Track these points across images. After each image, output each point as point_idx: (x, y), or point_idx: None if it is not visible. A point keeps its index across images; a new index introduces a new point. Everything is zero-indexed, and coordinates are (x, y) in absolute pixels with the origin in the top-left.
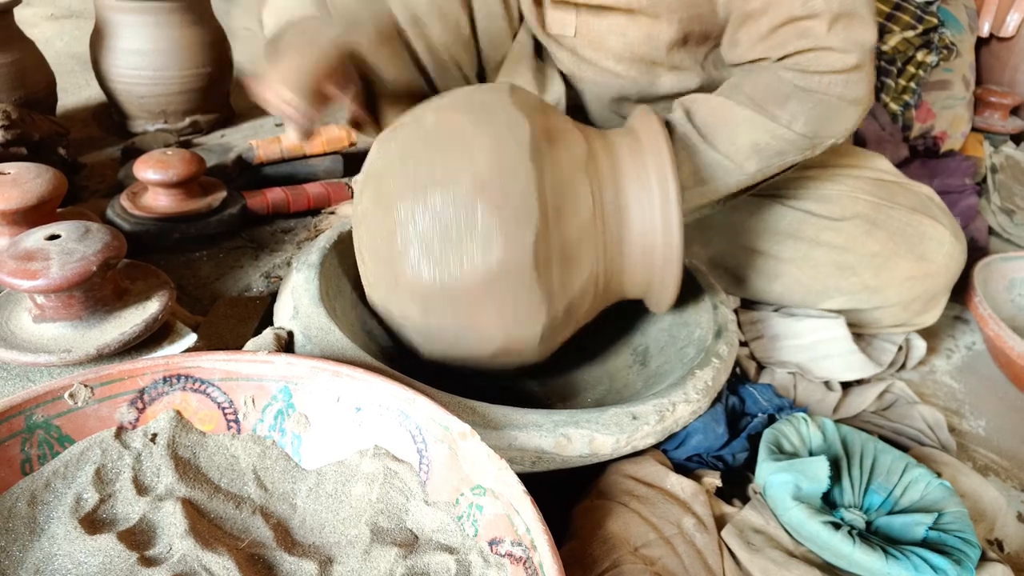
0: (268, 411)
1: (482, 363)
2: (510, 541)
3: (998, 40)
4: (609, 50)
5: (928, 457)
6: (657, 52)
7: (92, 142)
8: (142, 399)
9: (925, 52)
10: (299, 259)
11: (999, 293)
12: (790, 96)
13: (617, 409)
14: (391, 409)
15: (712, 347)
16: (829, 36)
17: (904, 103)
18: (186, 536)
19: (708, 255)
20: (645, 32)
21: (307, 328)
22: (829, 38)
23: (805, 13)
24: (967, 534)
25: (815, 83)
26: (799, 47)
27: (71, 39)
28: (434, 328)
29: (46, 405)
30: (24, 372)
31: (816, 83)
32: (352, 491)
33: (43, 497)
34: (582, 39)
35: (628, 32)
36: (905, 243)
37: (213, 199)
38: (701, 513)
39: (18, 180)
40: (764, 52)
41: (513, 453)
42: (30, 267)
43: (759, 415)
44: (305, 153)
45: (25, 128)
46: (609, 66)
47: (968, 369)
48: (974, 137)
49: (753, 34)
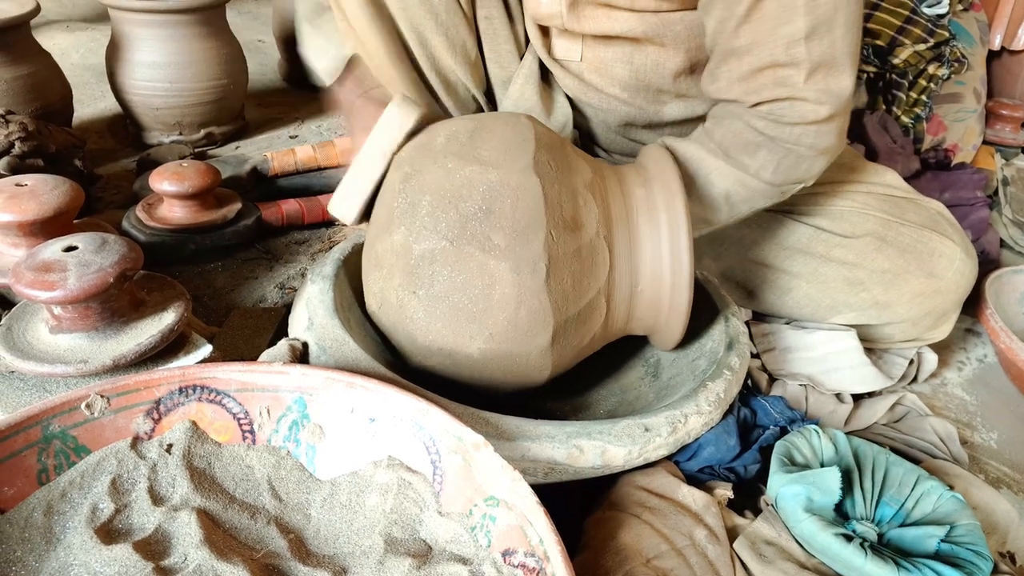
0: (283, 422)
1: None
2: (523, 552)
3: (1010, 53)
4: (615, 77)
5: (940, 469)
6: (663, 80)
7: (107, 153)
8: (158, 409)
9: (936, 65)
10: (313, 270)
11: (1011, 305)
12: (760, 146)
13: (629, 421)
14: (405, 420)
15: (724, 359)
16: (806, 87)
17: (915, 116)
18: (201, 546)
19: (719, 268)
20: (652, 60)
21: (321, 339)
22: (805, 89)
23: (786, 60)
24: (979, 547)
25: (786, 134)
26: (775, 95)
27: (86, 51)
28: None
29: (63, 415)
30: (40, 383)
31: (787, 134)
32: (366, 502)
33: (59, 507)
34: (588, 64)
35: (634, 60)
36: (915, 260)
37: (228, 211)
38: (713, 525)
39: (35, 192)
40: (740, 95)
41: (526, 464)
42: (48, 278)
43: (771, 427)
44: (320, 165)
45: (42, 140)
46: (615, 93)
47: (980, 382)
48: (985, 150)
49: (734, 73)
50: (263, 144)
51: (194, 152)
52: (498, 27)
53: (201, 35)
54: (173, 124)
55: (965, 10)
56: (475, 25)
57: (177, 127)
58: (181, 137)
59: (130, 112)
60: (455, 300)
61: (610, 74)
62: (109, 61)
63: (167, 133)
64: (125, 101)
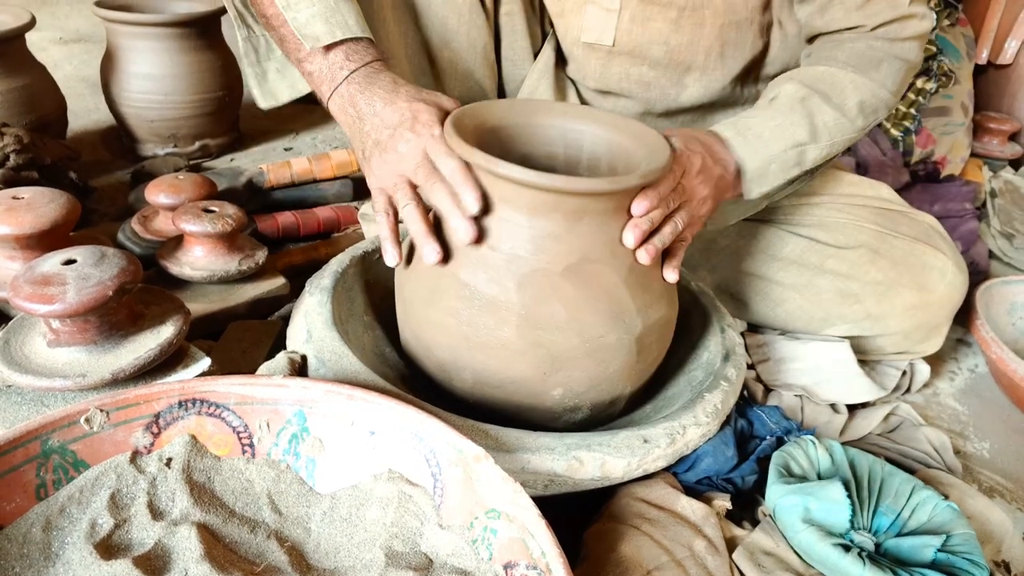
0: (283, 435)
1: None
2: (525, 564)
3: (996, 67)
4: (647, 56)
5: (935, 479)
6: (695, 56)
7: (101, 166)
8: (157, 423)
9: (924, 79)
10: (311, 282)
11: (1000, 316)
12: (882, 61)
13: (628, 432)
14: (405, 432)
15: (720, 370)
16: (911, 6)
17: (905, 129)
18: (201, 561)
19: (714, 280)
20: (688, 38)
21: (320, 352)
22: (911, 7)
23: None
24: (975, 556)
25: (898, 49)
26: (890, 16)
27: (80, 63)
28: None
29: (62, 430)
30: (39, 397)
31: (899, 49)
32: (366, 515)
33: (58, 522)
34: (620, 47)
35: (671, 40)
36: (908, 272)
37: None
38: (712, 536)
39: (32, 204)
40: (860, 20)
41: (526, 476)
42: (46, 292)
43: (767, 438)
44: (315, 177)
45: (36, 152)
46: (642, 73)
47: (971, 391)
48: (973, 162)
49: (849, 3)
50: (258, 156)
51: (189, 164)
52: (517, 24)
53: (196, 47)
54: (168, 136)
55: (952, 25)
56: (495, 23)
57: (172, 139)
58: (176, 149)
59: (124, 124)
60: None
61: (643, 53)
62: (104, 73)
63: (162, 145)
64: (119, 113)
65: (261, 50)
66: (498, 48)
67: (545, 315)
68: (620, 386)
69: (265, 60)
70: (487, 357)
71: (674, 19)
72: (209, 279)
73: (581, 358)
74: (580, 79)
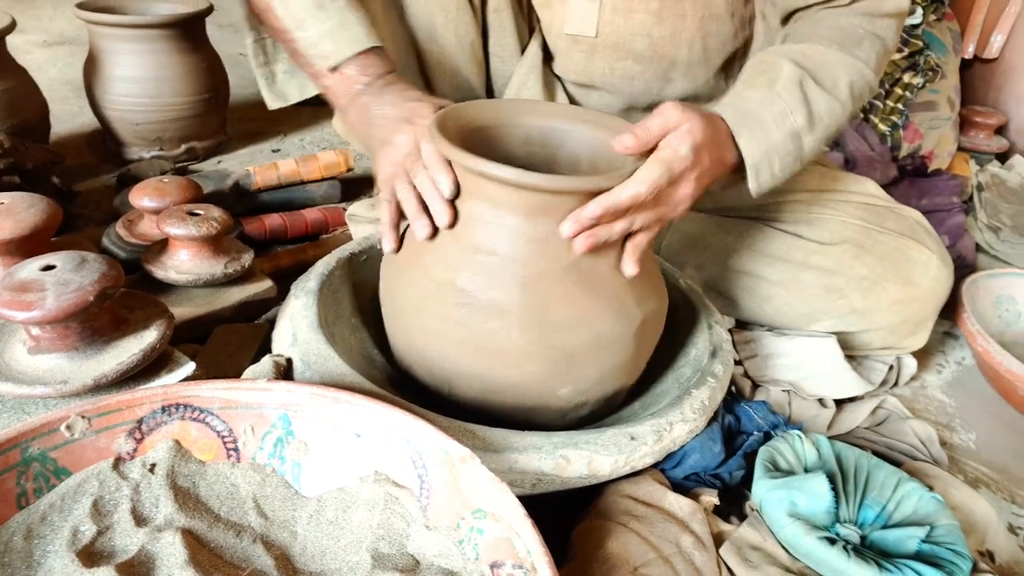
0: (268, 439)
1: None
2: (511, 564)
3: (982, 62)
4: (630, 50)
5: (920, 471)
6: (678, 50)
7: (86, 170)
8: (140, 429)
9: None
10: (297, 285)
11: (987, 309)
12: (863, 38)
13: (615, 430)
14: (391, 434)
15: (708, 367)
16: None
17: (892, 124)
18: (186, 567)
19: (702, 278)
20: (670, 30)
21: (306, 355)
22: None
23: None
24: (959, 546)
25: (878, 27)
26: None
27: (64, 66)
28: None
29: (42, 437)
30: (19, 405)
31: (879, 27)
32: (353, 517)
33: (39, 531)
34: (603, 39)
35: (653, 32)
36: (893, 267)
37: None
38: (699, 531)
39: (12, 210)
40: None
41: (513, 476)
42: (25, 298)
43: (755, 433)
44: (303, 179)
45: (18, 156)
46: (626, 67)
47: (958, 384)
48: (960, 156)
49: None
50: (245, 158)
51: (175, 167)
52: (505, 20)
53: (181, 49)
54: (153, 139)
55: (938, 20)
56: (482, 20)
57: (157, 142)
58: (162, 152)
59: (109, 128)
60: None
61: (626, 46)
62: (87, 76)
63: (147, 148)
64: (104, 117)
65: (269, 52)
66: (486, 45)
67: (555, 315)
68: (623, 378)
69: (273, 62)
70: (491, 362)
71: (656, 11)
72: (195, 283)
73: (591, 354)
74: (564, 74)
